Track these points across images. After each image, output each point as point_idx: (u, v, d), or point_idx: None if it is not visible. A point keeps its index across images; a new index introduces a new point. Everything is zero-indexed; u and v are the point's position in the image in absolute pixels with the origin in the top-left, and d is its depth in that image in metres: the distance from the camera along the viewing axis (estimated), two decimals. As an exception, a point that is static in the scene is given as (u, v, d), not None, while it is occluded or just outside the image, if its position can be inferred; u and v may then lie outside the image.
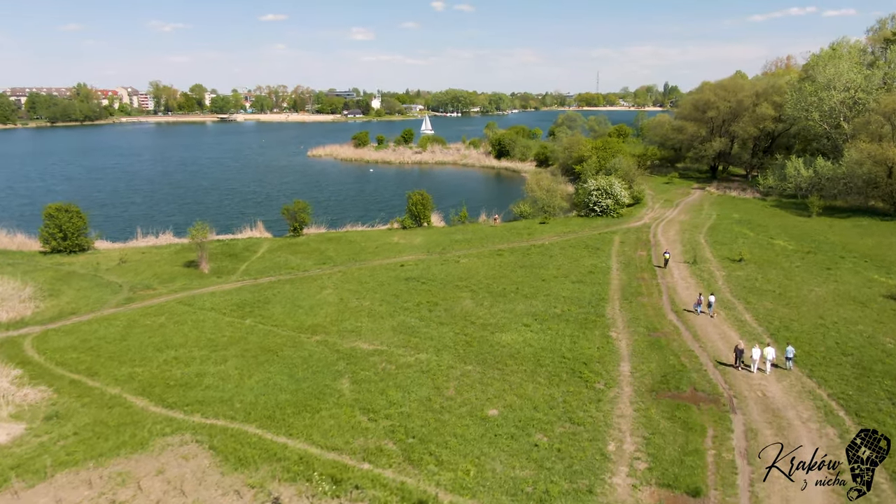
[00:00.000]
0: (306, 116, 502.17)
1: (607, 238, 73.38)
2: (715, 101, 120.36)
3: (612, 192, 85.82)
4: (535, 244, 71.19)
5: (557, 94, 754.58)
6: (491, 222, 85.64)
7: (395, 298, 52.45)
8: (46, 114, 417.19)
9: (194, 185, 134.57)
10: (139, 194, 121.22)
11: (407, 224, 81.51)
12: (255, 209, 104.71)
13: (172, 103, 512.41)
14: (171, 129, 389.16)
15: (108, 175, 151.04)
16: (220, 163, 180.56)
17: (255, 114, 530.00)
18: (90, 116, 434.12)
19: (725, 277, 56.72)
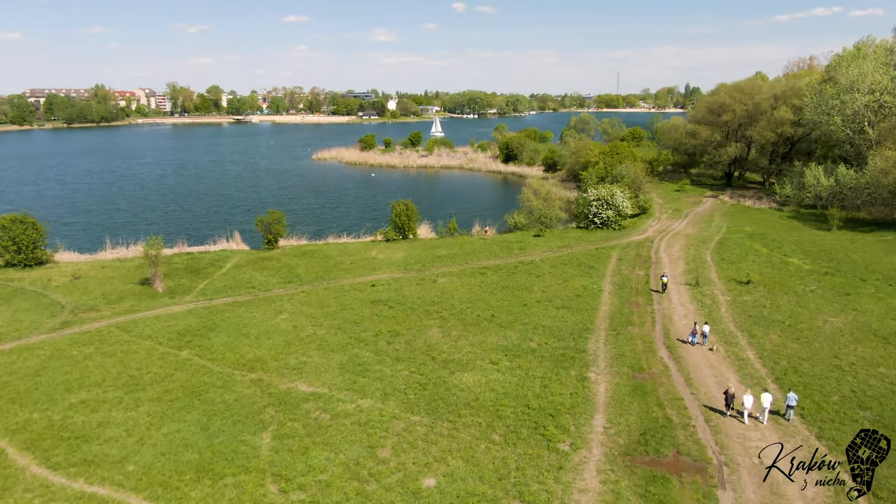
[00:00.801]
0: (321, 118, 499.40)
1: (604, 254, 67.28)
2: (730, 103, 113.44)
3: (613, 202, 79.63)
4: (525, 261, 65.32)
5: (576, 96, 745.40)
6: (482, 234, 79.77)
7: (353, 326, 46.98)
8: (63, 115, 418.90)
9: (187, 190, 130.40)
10: (127, 200, 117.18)
11: (390, 236, 76.06)
12: (242, 217, 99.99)
13: (189, 104, 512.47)
14: (185, 130, 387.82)
15: (102, 179, 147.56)
16: (221, 166, 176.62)
17: (270, 115, 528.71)
18: (106, 118, 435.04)
19: (730, 303, 50.50)
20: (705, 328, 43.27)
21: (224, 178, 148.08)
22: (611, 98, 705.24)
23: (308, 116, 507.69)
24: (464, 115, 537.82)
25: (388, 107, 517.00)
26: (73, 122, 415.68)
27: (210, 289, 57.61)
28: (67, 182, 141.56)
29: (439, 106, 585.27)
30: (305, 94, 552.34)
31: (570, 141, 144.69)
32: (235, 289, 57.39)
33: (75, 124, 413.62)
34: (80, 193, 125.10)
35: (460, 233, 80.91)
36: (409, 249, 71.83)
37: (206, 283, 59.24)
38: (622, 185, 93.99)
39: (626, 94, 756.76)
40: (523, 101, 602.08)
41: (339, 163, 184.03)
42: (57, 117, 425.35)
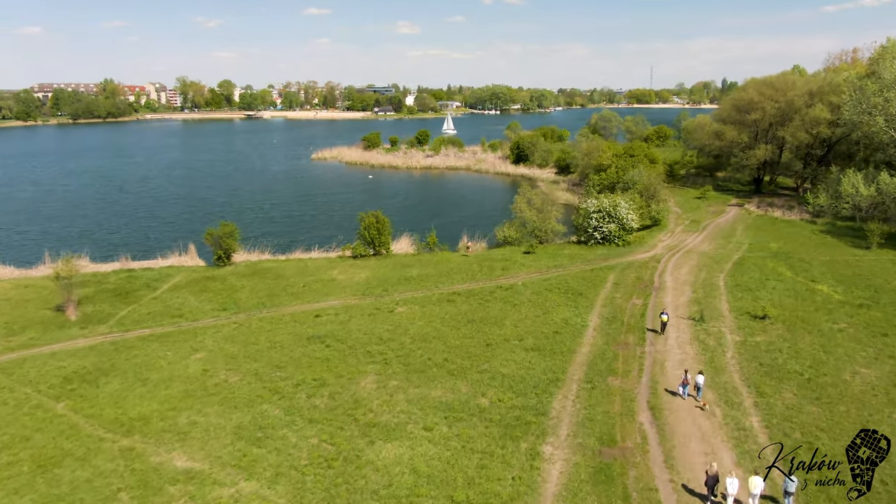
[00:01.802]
0: (335, 114, 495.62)
1: (599, 277, 59.96)
2: (759, 101, 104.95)
3: (616, 215, 72.16)
4: (504, 285, 58.29)
5: (606, 91, 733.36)
6: (463, 251, 72.75)
7: (274, 372, 40.44)
8: (69, 110, 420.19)
9: (166, 193, 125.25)
10: (97, 204, 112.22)
11: (358, 252, 69.43)
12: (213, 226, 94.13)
13: (199, 100, 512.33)
14: (193, 127, 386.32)
15: (81, 180, 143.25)
16: (212, 166, 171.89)
17: (283, 111, 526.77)
18: (113, 113, 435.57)
19: (738, 346, 43.04)
20: (699, 379, 36.16)
21: (210, 181, 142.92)
22: (642, 93, 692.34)
23: (321, 112, 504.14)
24: (485, 112, 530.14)
25: (405, 102, 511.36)
26: (79, 117, 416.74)
27: (131, 317, 51.52)
28: (43, 184, 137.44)
29: (460, 101, 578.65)
30: (320, 88, 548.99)
31: (582, 141, 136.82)
32: (159, 318, 51.23)
33: (81, 120, 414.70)
34: (51, 196, 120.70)
35: (441, 248, 74.02)
36: (376, 269, 65.18)
37: (129, 310, 53.17)
38: (632, 193, 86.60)
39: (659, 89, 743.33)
40: (549, 97, 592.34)
41: (340, 163, 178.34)
42: (63, 113, 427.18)
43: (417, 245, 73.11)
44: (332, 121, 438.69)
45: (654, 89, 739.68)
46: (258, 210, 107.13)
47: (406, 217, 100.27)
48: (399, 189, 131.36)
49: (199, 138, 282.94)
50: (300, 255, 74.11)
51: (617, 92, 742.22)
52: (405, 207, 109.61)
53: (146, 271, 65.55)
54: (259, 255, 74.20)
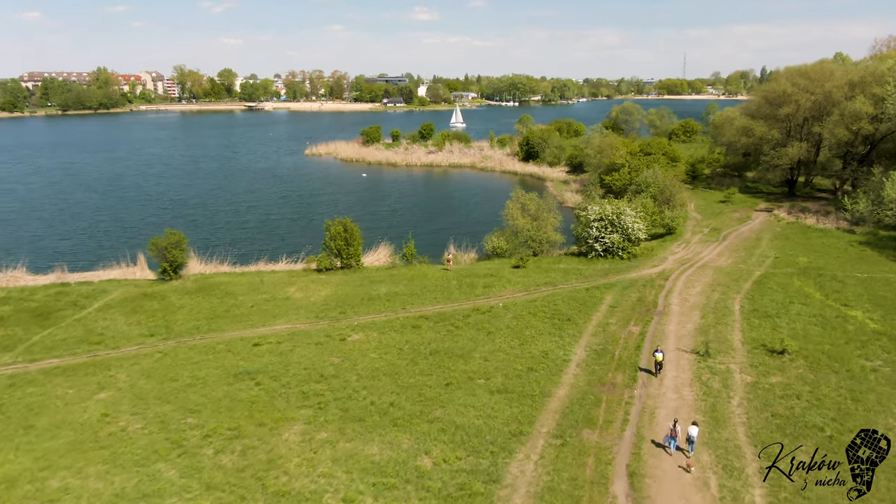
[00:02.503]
0: (342, 105, 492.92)
1: (594, 298, 55.01)
2: (793, 93, 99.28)
3: (620, 223, 67.08)
4: (483, 306, 53.58)
5: (635, 81, 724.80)
6: (445, 264, 67.92)
7: (185, 418, 36.03)
8: (58, 101, 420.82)
9: (137, 192, 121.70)
10: (55, 206, 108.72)
11: (324, 265, 64.92)
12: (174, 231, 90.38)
13: (198, 90, 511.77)
14: (189, 119, 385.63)
15: (50, 178, 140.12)
16: (196, 162, 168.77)
17: (286, 102, 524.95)
18: (105, 104, 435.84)
19: (749, 389, 38.01)
20: (692, 431, 31.46)
21: (188, 179, 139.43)
22: (674, 83, 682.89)
23: (327, 103, 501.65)
24: (502, 103, 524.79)
25: (417, 93, 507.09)
26: (69, 108, 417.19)
27: (43, 343, 47.42)
28: (5, 182, 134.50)
29: (476, 92, 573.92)
30: (326, 78, 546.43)
31: (595, 137, 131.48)
32: (74, 345, 47.06)
33: (71, 111, 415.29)
34: (8, 197, 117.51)
35: (420, 260, 69.36)
36: (340, 285, 60.67)
37: (44, 335, 49.09)
38: (645, 197, 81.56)
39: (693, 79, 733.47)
40: (572, 87, 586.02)
41: (335, 159, 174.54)
42: (52, 104, 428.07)
43: (392, 257, 68.35)
44: (339, 113, 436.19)
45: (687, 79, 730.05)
46: (233, 213, 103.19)
47: (393, 222, 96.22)
48: (393, 189, 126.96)
49: (192, 131, 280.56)
50: (262, 267, 69.90)
51: (646, 82, 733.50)
52: (395, 211, 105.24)
53: (82, 286, 61.55)
54: (216, 267, 70.12)
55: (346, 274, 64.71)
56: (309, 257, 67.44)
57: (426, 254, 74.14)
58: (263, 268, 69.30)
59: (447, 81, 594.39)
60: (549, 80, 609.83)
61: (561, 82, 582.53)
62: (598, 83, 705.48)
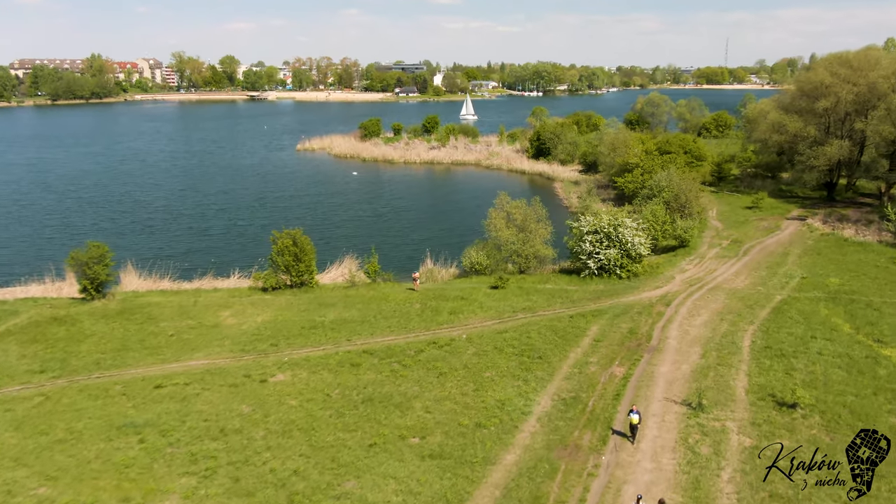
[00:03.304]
0: (351, 95, 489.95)
1: (577, 329, 49.62)
2: (832, 84, 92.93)
3: (618, 237, 61.51)
4: (443, 338, 48.43)
5: (671, 69, 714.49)
6: (412, 284, 62.54)
7: (35, 486, 31.26)
8: (48, 90, 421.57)
9: (99, 193, 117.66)
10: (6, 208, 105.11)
11: (270, 283, 60.03)
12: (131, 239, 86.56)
13: (197, 78, 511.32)
14: (186, 109, 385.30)
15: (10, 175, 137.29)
16: (174, 158, 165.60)
17: (292, 91, 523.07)
18: (98, 93, 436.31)
19: (745, 457, 32.54)
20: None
21: (161, 177, 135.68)
22: (714, 72, 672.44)
23: (335, 93, 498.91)
24: (525, 93, 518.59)
25: (433, 82, 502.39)
26: (60, 98, 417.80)
27: (-90, 381, 42.98)
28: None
29: (497, 81, 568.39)
30: (335, 65, 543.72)
31: (608, 133, 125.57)
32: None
33: (61, 101, 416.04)
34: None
35: (385, 278, 64.30)
36: (283, 309, 55.75)
37: (-84, 369, 44.67)
38: (656, 204, 75.98)
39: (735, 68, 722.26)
40: (601, 76, 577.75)
41: (329, 155, 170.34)
42: (42, 93, 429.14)
43: (353, 274, 63.12)
44: (346, 103, 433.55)
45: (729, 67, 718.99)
46: (198, 217, 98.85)
47: (375, 229, 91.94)
48: (384, 190, 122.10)
49: (181, 123, 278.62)
50: (206, 284, 65.30)
51: (684, 70, 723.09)
52: (380, 216, 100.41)
53: (-8, 306, 57.31)
54: (155, 283, 65.69)
55: (294, 294, 59.75)
56: (255, 274, 62.56)
57: (402, 268, 69.43)
58: (207, 285, 64.67)
59: (466, 69, 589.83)
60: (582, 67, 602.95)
61: (590, 70, 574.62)
62: (630, 71, 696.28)
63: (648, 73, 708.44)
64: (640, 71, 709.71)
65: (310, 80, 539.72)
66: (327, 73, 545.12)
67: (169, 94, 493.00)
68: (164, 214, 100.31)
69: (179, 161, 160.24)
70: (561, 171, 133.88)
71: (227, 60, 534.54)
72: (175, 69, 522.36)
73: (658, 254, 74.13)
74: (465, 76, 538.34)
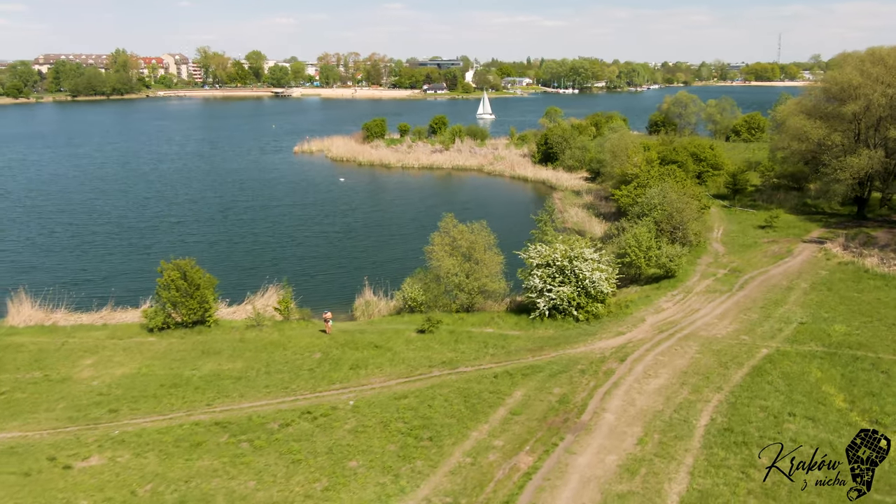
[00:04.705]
0: (378, 91, 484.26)
1: (497, 393, 40.73)
2: (861, 85, 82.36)
3: (574, 272, 52.30)
4: (325, 404, 39.93)
5: (718, 65, 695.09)
6: (323, 324, 53.85)
7: None
8: (69, 86, 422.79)
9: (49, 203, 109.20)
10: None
11: (156, 323, 51.94)
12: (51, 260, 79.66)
13: (222, 74, 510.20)
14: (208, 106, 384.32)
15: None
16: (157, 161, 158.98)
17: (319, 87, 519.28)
18: (119, 89, 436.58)
19: None
20: None
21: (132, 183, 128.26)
22: (763, 68, 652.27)
23: (361, 90, 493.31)
24: (560, 90, 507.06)
25: (464, 79, 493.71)
26: (80, 94, 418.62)
27: None
28: None
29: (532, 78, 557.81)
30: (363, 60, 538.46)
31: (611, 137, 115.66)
32: None
33: (81, 97, 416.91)
34: None
35: (300, 314, 55.91)
36: (156, 357, 47.61)
37: None
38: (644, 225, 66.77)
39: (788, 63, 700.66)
40: (642, 73, 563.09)
41: (326, 157, 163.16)
42: (63, 88, 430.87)
43: (257, 313, 54.64)
44: (372, 100, 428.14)
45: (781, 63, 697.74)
46: (147, 232, 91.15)
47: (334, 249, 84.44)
48: (366, 200, 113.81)
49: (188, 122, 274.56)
50: (100, 318, 57.55)
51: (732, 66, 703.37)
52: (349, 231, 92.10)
53: None
54: (47, 315, 58.23)
55: (182, 336, 51.58)
56: (144, 310, 54.61)
57: (347, 298, 61.56)
58: (99, 319, 56.95)
59: (501, 65, 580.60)
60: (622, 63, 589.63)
61: (629, 66, 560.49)
62: (675, 68, 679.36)
63: (694, 68, 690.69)
64: (685, 67, 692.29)
65: (337, 76, 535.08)
66: (355, 68, 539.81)
67: (192, 91, 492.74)
68: (110, 228, 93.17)
69: (164, 164, 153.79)
70: (566, 178, 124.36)
71: (254, 56, 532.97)
72: (200, 65, 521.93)
73: (642, 284, 64.90)
74: (499, 72, 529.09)
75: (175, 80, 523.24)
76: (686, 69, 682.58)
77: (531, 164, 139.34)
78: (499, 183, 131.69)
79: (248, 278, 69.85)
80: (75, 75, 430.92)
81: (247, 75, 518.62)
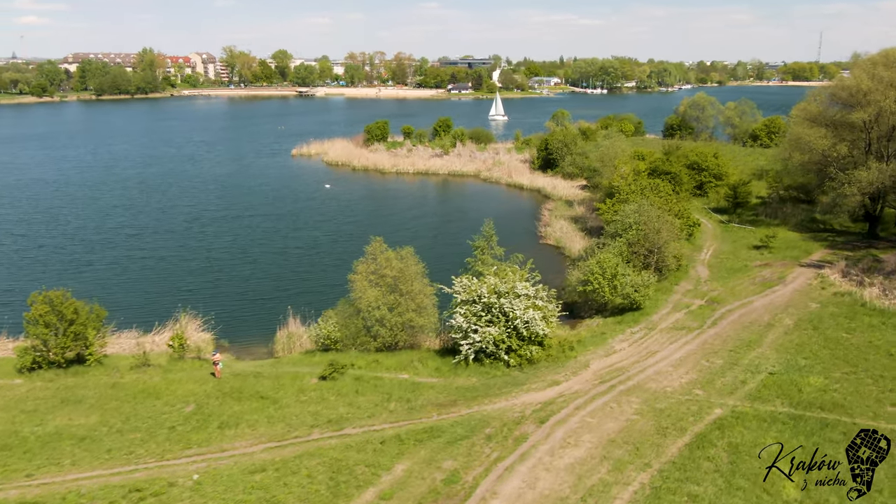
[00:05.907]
0: (402, 91, 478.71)
1: (374, 467, 33.84)
2: (871, 90, 73.98)
3: (503, 311, 45.13)
4: (167, 476, 33.33)
5: (755, 64, 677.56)
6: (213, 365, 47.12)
7: None
8: (93, 84, 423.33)
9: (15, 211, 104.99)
10: None
11: (26, 363, 45.57)
12: None
13: (247, 73, 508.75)
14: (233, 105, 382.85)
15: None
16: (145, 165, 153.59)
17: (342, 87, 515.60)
18: (144, 88, 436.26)
19: None
20: None
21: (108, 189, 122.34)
22: (802, 67, 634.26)
23: (385, 89, 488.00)
24: (589, 90, 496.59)
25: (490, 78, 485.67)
26: (104, 93, 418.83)
27: None
28: None
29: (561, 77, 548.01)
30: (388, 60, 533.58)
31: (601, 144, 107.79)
32: None
33: (105, 96, 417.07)
34: None
35: (199, 354, 49.47)
36: (3, 410, 41.39)
37: None
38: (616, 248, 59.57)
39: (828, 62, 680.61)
40: (674, 72, 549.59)
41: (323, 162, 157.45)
42: (89, 87, 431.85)
43: (142, 352, 48.09)
44: (396, 100, 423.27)
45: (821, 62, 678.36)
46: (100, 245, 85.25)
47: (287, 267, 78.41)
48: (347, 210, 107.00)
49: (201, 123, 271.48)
50: None
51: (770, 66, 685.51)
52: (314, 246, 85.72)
53: None
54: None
55: (53, 378, 45.21)
56: (16, 346, 48.50)
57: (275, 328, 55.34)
58: None
59: (531, 64, 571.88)
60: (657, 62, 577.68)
61: (661, 66, 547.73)
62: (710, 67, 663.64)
63: (731, 67, 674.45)
64: (720, 66, 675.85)
65: (363, 75, 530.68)
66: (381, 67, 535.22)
67: (217, 90, 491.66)
68: (64, 241, 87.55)
69: (151, 168, 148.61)
70: (563, 187, 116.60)
71: (280, 55, 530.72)
72: (226, 64, 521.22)
73: (606, 316, 57.61)
74: (527, 72, 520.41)
75: (201, 79, 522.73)
76: (722, 68, 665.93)
77: (530, 170, 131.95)
78: (493, 190, 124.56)
79: (182, 301, 63.08)
80: (101, 74, 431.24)
81: (272, 74, 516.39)
